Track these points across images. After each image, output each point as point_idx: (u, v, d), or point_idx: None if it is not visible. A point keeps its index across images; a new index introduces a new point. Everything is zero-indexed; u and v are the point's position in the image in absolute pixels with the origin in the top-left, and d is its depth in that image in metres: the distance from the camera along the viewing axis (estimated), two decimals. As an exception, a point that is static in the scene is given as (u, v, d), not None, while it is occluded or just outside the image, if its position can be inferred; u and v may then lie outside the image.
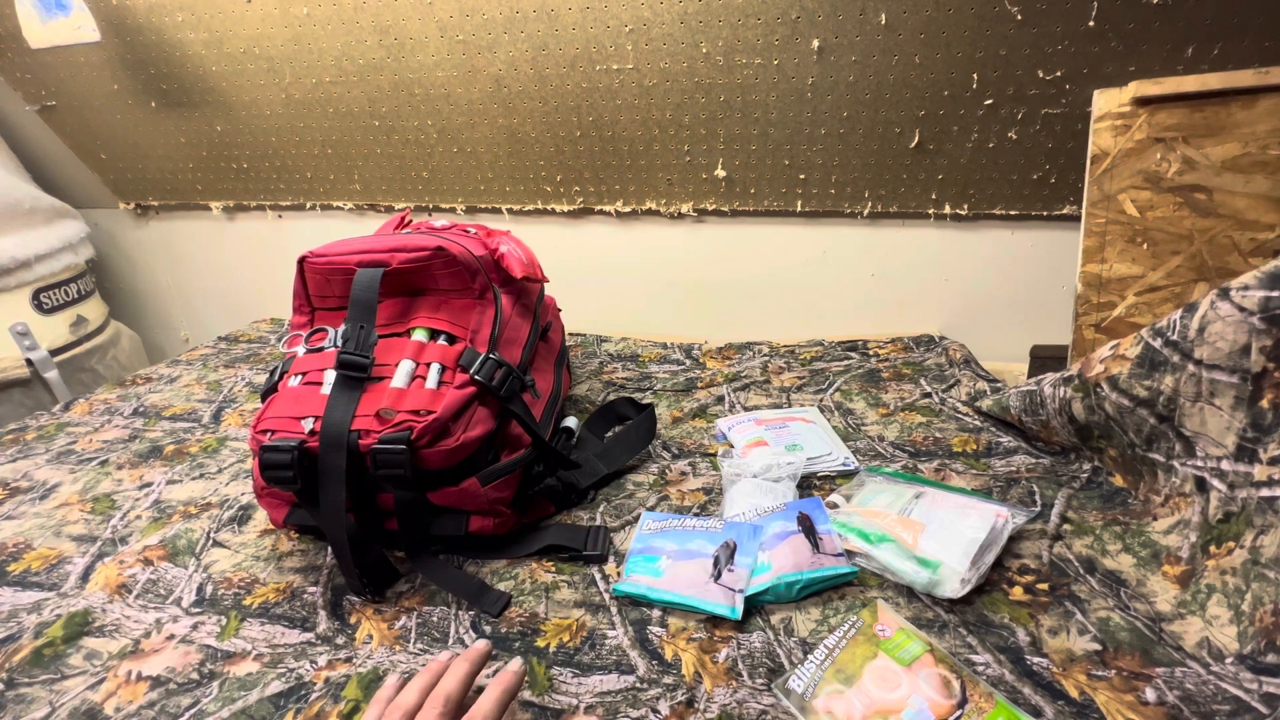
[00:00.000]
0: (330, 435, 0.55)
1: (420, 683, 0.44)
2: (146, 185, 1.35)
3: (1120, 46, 0.80)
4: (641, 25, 0.92)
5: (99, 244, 1.43)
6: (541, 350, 0.78)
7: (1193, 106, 0.70)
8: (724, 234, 1.11)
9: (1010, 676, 0.46)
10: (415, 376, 0.60)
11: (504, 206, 1.18)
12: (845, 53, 0.88)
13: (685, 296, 1.18)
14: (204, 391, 0.99)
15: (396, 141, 1.14)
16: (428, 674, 0.44)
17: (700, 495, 0.68)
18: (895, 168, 0.96)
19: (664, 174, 1.06)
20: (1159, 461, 0.59)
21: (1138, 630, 0.48)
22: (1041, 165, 0.91)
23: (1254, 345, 0.51)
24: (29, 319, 1.20)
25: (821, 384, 0.90)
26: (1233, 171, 0.70)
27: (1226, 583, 0.49)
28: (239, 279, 1.43)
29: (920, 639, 0.47)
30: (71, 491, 0.75)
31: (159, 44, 1.11)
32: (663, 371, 0.97)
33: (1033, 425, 0.71)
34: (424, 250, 0.63)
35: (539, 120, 1.05)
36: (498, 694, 0.42)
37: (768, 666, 0.48)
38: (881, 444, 0.75)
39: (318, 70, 1.07)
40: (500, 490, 0.61)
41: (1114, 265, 0.76)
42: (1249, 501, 0.50)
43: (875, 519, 0.58)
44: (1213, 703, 0.43)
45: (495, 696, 0.42)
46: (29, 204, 1.23)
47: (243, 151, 1.23)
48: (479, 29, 0.97)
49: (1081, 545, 0.57)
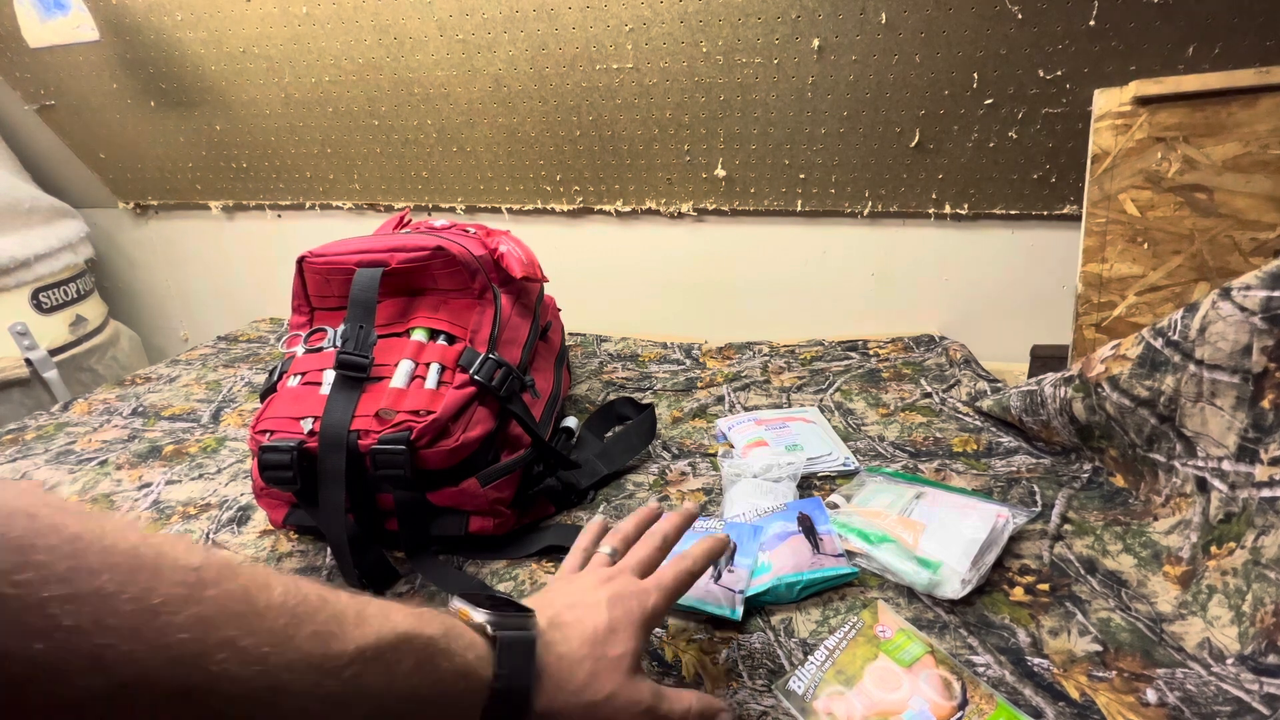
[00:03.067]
0: (330, 435, 0.55)
1: (636, 519, 0.48)
2: (146, 185, 1.34)
3: (1121, 46, 0.79)
4: (641, 25, 0.91)
5: (98, 244, 1.43)
6: (541, 350, 0.78)
7: (1193, 106, 0.70)
8: (724, 234, 1.11)
9: (1011, 677, 0.46)
10: (415, 376, 0.60)
11: (504, 206, 1.18)
12: (845, 52, 0.88)
13: (685, 296, 1.18)
14: (203, 391, 0.99)
15: (396, 141, 1.14)
16: (642, 514, 0.48)
17: (700, 495, 0.68)
18: (895, 167, 0.96)
19: (664, 173, 1.06)
20: (1160, 462, 0.59)
21: (1139, 631, 0.48)
22: (1042, 165, 0.91)
23: (1255, 345, 0.51)
24: (28, 319, 1.19)
25: (822, 384, 0.90)
26: (1233, 171, 0.70)
27: (1227, 583, 0.49)
28: (238, 279, 1.43)
29: (921, 640, 0.47)
30: (71, 492, 0.75)
31: (158, 43, 1.11)
32: (663, 371, 0.97)
33: (1033, 425, 0.71)
34: (423, 250, 0.63)
35: (539, 120, 1.04)
36: (707, 546, 0.45)
37: (768, 667, 0.48)
38: (882, 444, 0.75)
39: (317, 70, 1.07)
40: (500, 490, 0.60)
41: (1114, 265, 0.76)
42: (1250, 502, 0.50)
43: (875, 519, 0.58)
44: (1214, 704, 0.43)
45: (706, 547, 0.45)
46: (28, 204, 1.23)
47: (242, 151, 1.22)
48: (478, 28, 0.97)
49: (1082, 545, 0.57)
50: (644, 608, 0.39)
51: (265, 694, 0.25)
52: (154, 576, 0.23)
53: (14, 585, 0.20)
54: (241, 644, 0.24)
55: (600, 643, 0.37)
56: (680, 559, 0.44)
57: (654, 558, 0.44)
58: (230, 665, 0.23)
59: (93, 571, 0.21)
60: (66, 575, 0.21)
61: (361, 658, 0.28)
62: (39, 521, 0.21)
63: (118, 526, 0.23)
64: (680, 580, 0.43)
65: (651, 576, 0.42)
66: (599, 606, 0.39)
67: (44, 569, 0.20)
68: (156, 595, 0.22)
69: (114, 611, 0.21)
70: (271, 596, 0.26)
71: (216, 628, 0.24)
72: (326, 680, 0.26)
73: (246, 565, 0.27)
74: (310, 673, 0.26)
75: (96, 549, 0.22)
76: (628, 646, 0.37)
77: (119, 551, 0.22)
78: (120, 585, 0.22)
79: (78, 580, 0.21)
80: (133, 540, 0.23)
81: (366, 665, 0.28)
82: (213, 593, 0.24)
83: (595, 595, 0.40)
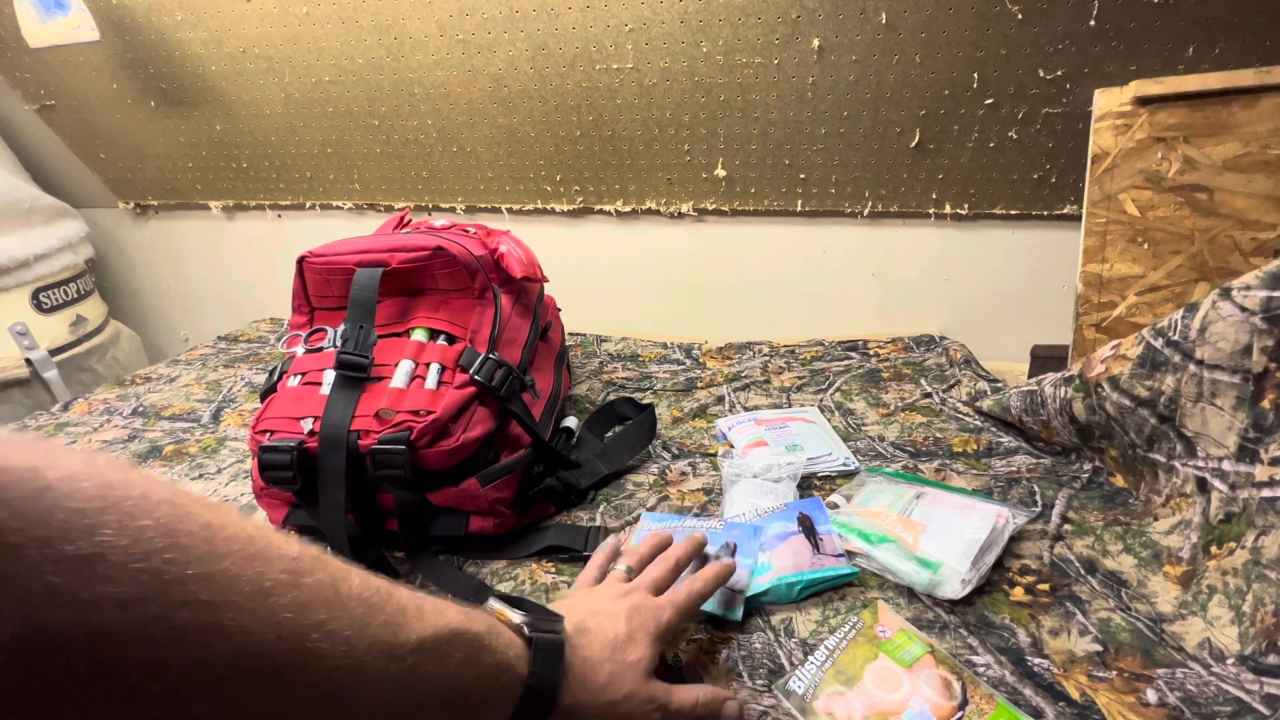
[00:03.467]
0: (330, 435, 0.55)
1: (650, 543, 0.51)
2: (146, 185, 1.34)
3: (1121, 46, 0.79)
4: (641, 25, 0.91)
5: (98, 244, 1.43)
6: (541, 350, 0.78)
7: (1193, 106, 0.70)
8: (724, 234, 1.11)
9: (1011, 678, 0.46)
10: (415, 376, 0.60)
11: (504, 206, 1.18)
12: (845, 52, 0.88)
13: (685, 296, 1.18)
14: (203, 391, 0.99)
15: (396, 141, 1.14)
16: (654, 539, 0.52)
17: (700, 495, 0.68)
18: (895, 167, 0.96)
19: (664, 173, 1.06)
20: (1160, 462, 0.59)
21: (1139, 631, 0.48)
22: (1042, 165, 0.91)
23: (1255, 345, 0.51)
24: (28, 319, 1.19)
25: (822, 384, 0.90)
26: (1234, 171, 0.70)
27: (1227, 583, 0.49)
28: (239, 279, 1.43)
29: (921, 640, 0.47)
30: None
31: (158, 43, 1.11)
32: (663, 371, 0.97)
33: (1033, 425, 0.71)
34: (423, 250, 0.63)
35: (539, 120, 1.04)
36: (717, 571, 0.49)
37: (768, 667, 0.48)
38: (882, 444, 0.75)
39: (317, 70, 1.07)
40: (500, 490, 0.60)
41: (1115, 265, 0.76)
42: (1250, 502, 0.50)
43: (876, 519, 0.58)
44: (1214, 704, 0.43)
45: (716, 572, 0.49)
46: (28, 203, 1.23)
47: (242, 151, 1.22)
48: (479, 28, 0.97)
49: (1082, 545, 0.57)
50: (658, 621, 0.43)
51: (348, 674, 0.28)
52: (265, 563, 0.26)
53: (165, 562, 0.23)
54: (329, 627, 0.27)
55: (619, 648, 0.40)
56: (692, 580, 0.47)
57: (668, 578, 0.48)
58: (322, 644, 0.27)
59: (219, 556, 0.25)
60: (202, 557, 0.24)
61: (421, 648, 0.30)
62: (179, 509, 0.24)
63: (235, 517, 0.27)
64: (692, 600, 0.46)
65: (666, 594, 0.46)
66: (619, 617, 0.42)
67: (186, 550, 0.24)
68: (267, 579, 0.26)
69: (237, 591, 0.25)
70: (352, 587, 0.29)
71: (311, 611, 0.27)
72: (392, 666, 0.29)
73: (330, 557, 0.30)
74: (381, 657, 0.29)
75: (222, 536, 0.25)
76: (643, 653, 0.41)
77: (238, 539, 0.26)
78: (240, 569, 0.25)
79: (210, 562, 0.24)
80: (248, 530, 0.26)
81: (424, 655, 0.31)
82: (308, 580, 0.27)
83: (615, 606, 0.43)
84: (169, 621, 0.23)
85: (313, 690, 0.27)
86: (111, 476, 0.23)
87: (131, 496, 0.23)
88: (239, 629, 0.24)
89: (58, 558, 0.21)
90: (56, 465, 0.22)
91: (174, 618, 0.23)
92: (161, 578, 0.23)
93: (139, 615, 0.22)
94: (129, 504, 0.23)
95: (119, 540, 0.22)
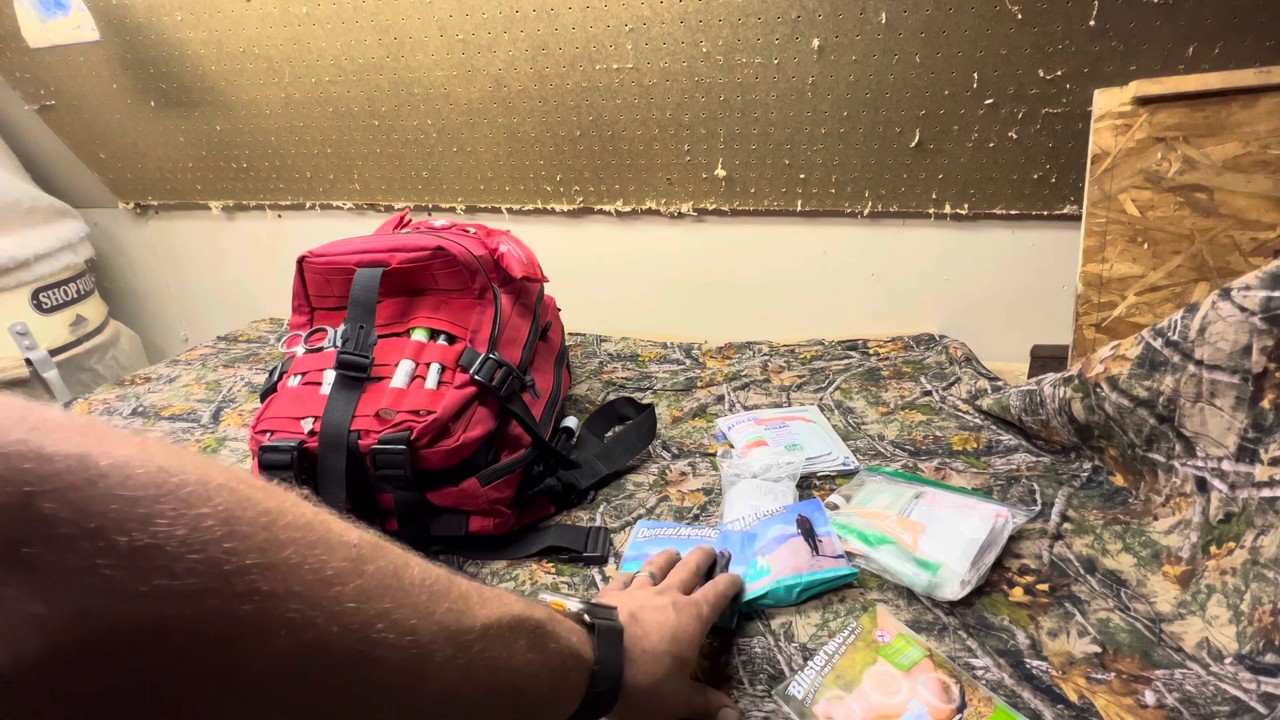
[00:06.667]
0: (330, 435, 0.55)
1: (665, 555, 0.53)
2: (146, 185, 1.34)
3: (1121, 46, 0.79)
4: (641, 25, 0.91)
5: (98, 244, 1.43)
6: (541, 350, 0.78)
7: (1193, 106, 0.70)
8: (724, 234, 1.11)
9: (1010, 680, 0.46)
10: (415, 376, 0.60)
11: (504, 206, 1.18)
12: (845, 52, 0.88)
13: (685, 296, 1.18)
14: (203, 391, 0.99)
15: (396, 141, 1.13)
16: (668, 552, 0.53)
17: (700, 495, 0.68)
18: (895, 167, 0.96)
19: (664, 173, 1.06)
20: (1159, 461, 0.59)
21: (1138, 631, 0.48)
22: (1042, 165, 0.91)
23: (1255, 345, 0.51)
24: (28, 319, 1.20)
25: (821, 383, 0.90)
26: (1234, 171, 0.70)
27: (1226, 583, 0.49)
28: (239, 279, 1.43)
29: (919, 644, 0.47)
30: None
31: (158, 43, 1.11)
32: (663, 371, 0.97)
33: (1033, 425, 0.71)
34: (423, 250, 0.63)
35: (539, 120, 1.04)
36: (730, 578, 0.51)
37: (768, 672, 0.48)
38: (881, 443, 0.75)
39: (317, 70, 1.07)
40: (500, 490, 0.60)
41: (1114, 265, 0.76)
42: (1250, 502, 0.50)
43: (875, 520, 0.58)
44: (1212, 704, 0.43)
45: (729, 579, 0.51)
46: (28, 203, 1.23)
47: (242, 151, 1.22)
48: (478, 28, 0.97)
49: (1082, 545, 0.57)
50: (700, 616, 0.45)
51: (414, 663, 0.27)
52: (326, 550, 0.25)
53: (225, 552, 0.21)
54: (394, 616, 0.26)
55: (677, 641, 0.42)
56: (713, 584, 0.49)
57: (692, 580, 0.50)
58: (387, 634, 0.25)
59: (280, 544, 0.23)
60: (263, 545, 0.23)
61: (486, 634, 0.30)
62: (238, 495, 0.23)
63: (294, 502, 0.25)
64: (720, 599, 0.48)
65: (697, 593, 0.47)
66: (668, 609, 0.43)
67: (246, 539, 0.22)
68: (329, 568, 0.24)
69: (299, 580, 0.23)
70: (413, 574, 0.28)
71: (375, 599, 0.25)
72: (460, 655, 0.28)
73: (388, 543, 0.29)
74: (447, 645, 0.28)
75: (282, 523, 0.24)
76: (693, 653, 0.43)
77: (298, 527, 0.24)
78: (302, 557, 0.24)
79: (271, 551, 0.23)
80: (307, 516, 0.25)
81: (490, 641, 0.30)
82: (370, 568, 0.26)
83: (660, 600, 0.44)
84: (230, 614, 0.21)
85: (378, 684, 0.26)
86: (166, 462, 0.22)
87: (189, 483, 0.22)
88: (304, 621, 0.23)
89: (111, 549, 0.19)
90: (108, 452, 0.21)
91: (235, 610, 0.21)
92: (221, 568, 0.21)
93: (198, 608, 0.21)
94: (186, 490, 0.22)
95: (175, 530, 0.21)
